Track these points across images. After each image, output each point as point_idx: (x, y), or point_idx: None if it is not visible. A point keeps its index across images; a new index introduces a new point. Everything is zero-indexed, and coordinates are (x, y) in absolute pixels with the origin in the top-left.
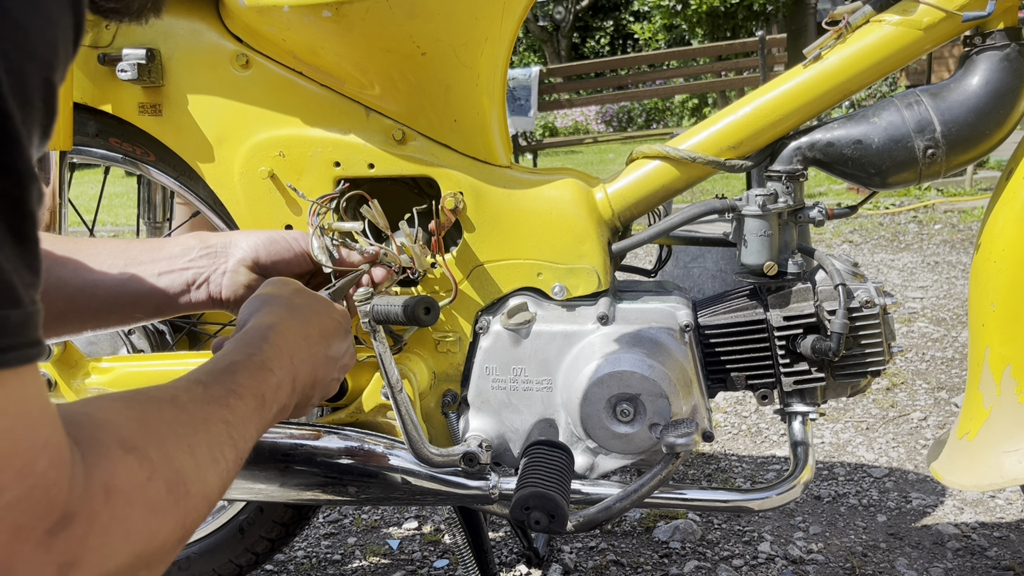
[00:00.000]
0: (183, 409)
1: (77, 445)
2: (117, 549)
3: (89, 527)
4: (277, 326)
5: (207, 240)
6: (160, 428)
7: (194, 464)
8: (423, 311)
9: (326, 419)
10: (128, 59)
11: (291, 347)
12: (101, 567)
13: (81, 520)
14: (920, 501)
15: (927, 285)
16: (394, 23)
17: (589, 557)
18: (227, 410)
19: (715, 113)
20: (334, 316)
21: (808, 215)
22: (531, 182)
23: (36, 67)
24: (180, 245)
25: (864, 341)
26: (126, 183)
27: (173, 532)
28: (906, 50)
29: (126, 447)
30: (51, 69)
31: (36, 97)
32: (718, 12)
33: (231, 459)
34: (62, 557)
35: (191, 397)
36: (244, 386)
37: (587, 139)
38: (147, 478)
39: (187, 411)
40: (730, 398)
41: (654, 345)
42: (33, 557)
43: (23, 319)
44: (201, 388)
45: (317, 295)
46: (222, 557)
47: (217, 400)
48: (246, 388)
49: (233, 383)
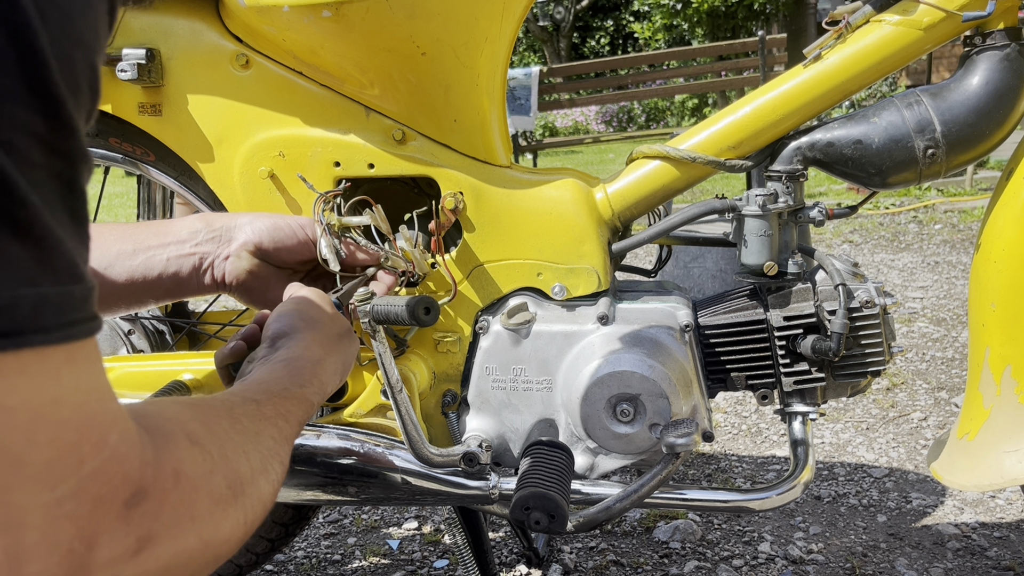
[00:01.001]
0: (238, 420)
1: (145, 430)
2: (186, 531)
3: (161, 505)
4: (324, 363)
5: (213, 223)
6: (218, 431)
7: (249, 469)
8: (423, 311)
9: (326, 419)
10: (128, 59)
11: (323, 381)
12: (174, 545)
13: (154, 497)
14: (920, 501)
15: (927, 285)
16: (394, 23)
17: (589, 557)
18: (276, 430)
19: (715, 113)
20: (352, 337)
21: (808, 215)
22: (531, 182)
23: (82, 53)
24: (187, 228)
25: (864, 341)
26: (126, 183)
27: (235, 528)
28: (906, 50)
29: (192, 439)
30: (94, 53)
31: (83, 81)
32: (718, 12)
33: (278, 474)
34: (139, 530)
35: (245, 412)
36: (292, 413)
37: (587, 139)
38: (210, 471)
39: (242, 423)
40: (730, 398)
41: (654, 345)
42: (114, 528)
43: (86, 294)
44: (255, 406)
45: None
46: None
47: (269, 419)
48: (293, 416)
49: (284, 408)
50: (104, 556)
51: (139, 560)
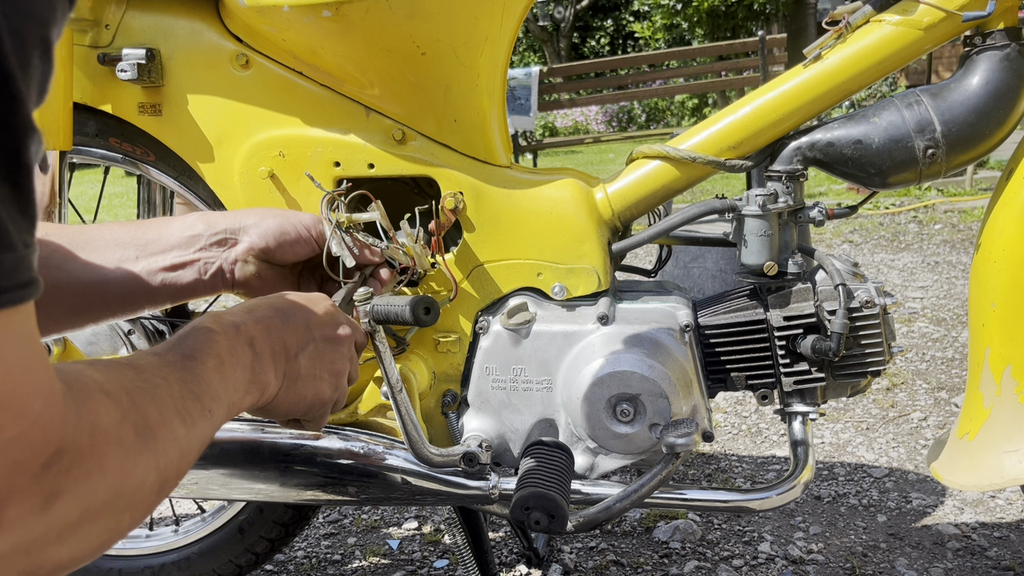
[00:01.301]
0: (141, 370)
1: (68, 388)
2: (95, 483)
3: (73, 461)
4: (224, 310)
5: (215, 224)
6: (124, 382)
7: (158, 413)
8: (423, 311)
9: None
10: (128, 59)
11: (235, 316)
12: (82, 499)
13: (69, 454)
14: (920, 501)
15: (927, 285)
16: (394, 23)
17: (589, 557)
18: (184, 371)
19: (715, 113)
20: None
21: (808, 215)
22: (531, 182)
23: (34, 25)
24: (188, 231)
25: (864, 341)
26: (126, 183)
27: (147, 474)
28: (906, 50)
29: (104, 391)
30: (48, 27)
31: (35, 55)
32: (718, 12)
33: (197, 413)
34: (49, 488)
35: (147, 363)
36: (195, 349)
37: (587, 139)
38: (120, 419)
39: (145, 372)
40: (730, 398)
41: (654, 345)
42: (26, 488)
43: (16, 262)
44: (155, 357)
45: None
46: (222, 557)
47: (172, 364)
48: (197, 351)
49: (183, 348)
50: (11, 515)
51: (48, 516)
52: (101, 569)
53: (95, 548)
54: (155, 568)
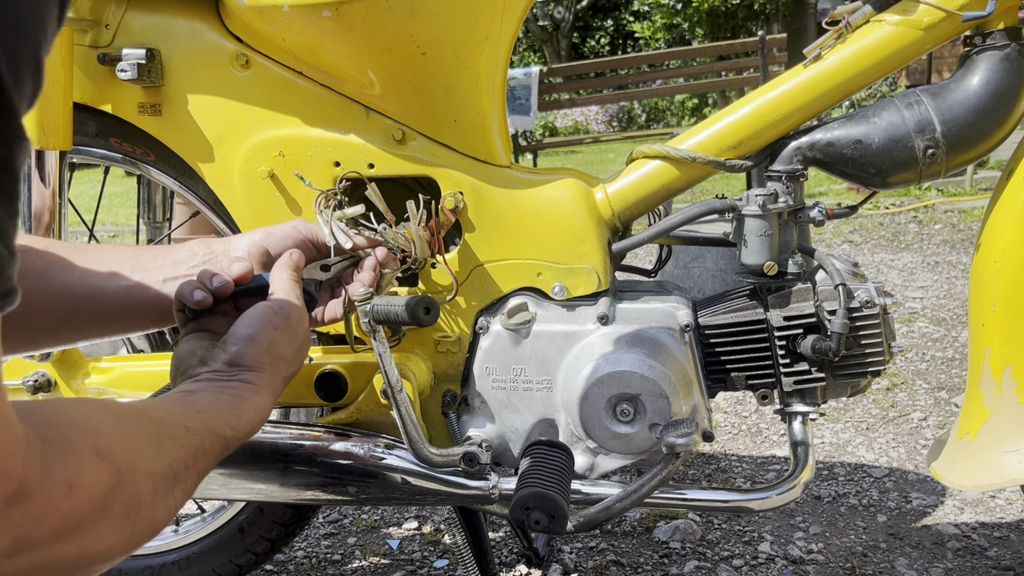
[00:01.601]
0: (160, 442)
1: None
2: (68, 541)
3: (46, 512)
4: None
5: (211, 245)
6: (136, 447)
7: (151, 493)
8: (423, 311)
9: (326, 419)
10: (128, 59)
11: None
12: (53, 551)
13: (39, 502)
14: (920, 501)
15: (927, 285)
16: (394, 23)
17: (589, 557)
18: (193, 461)
19: (715, 113)
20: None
21: (808, 215)
22: (531, 182)
23: (25, 44)
24: (185, 251)
25: (864, 341)
26: (126, 183)
27: (117, 544)
28: (906, 50)
29: (100, 454)
30: (38, 46)
31: (26, 73)
32: (718, 12)
33: (178, 502)
34: (19, 531)
35: (172, 435)
36: (214, 450)
37: (587, 139)
38: (110, 487)
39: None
40: (730, 398)
41: (654, 345)
42: None
43: None
44: (184, 432)
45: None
46: (222, 557)
47: (191, 449)
48: (212, 453)
49: (209, 443)
50: None
51: (15, 560)
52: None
53: None
54: (155, 568)
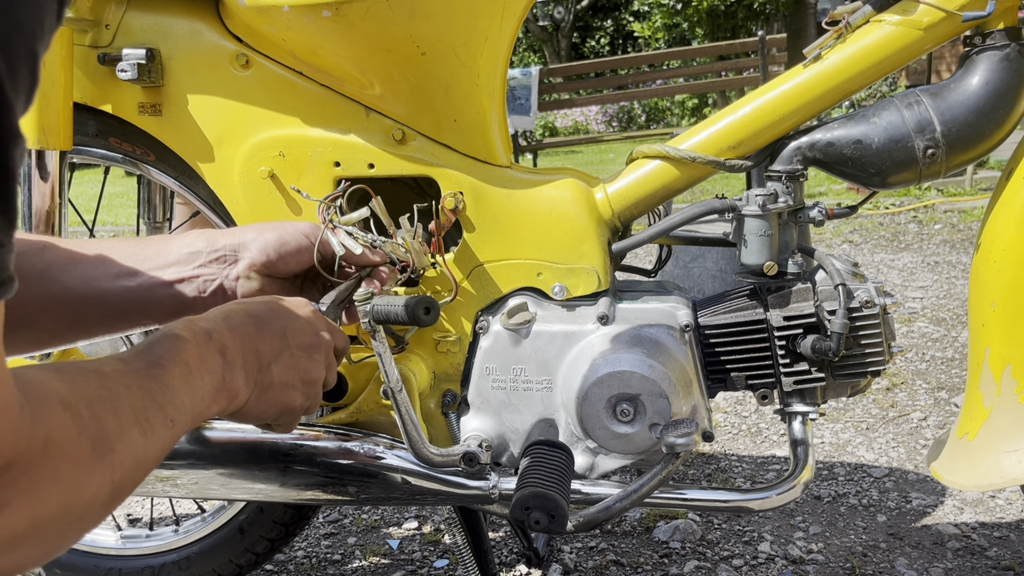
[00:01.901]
0: (106, 377)
1: (26, 399)
2: (46, 496)
3: (22, 472)
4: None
5: (215, 242)
6: (87, 392)
7: (117, 425)
8: (423, 311)
9: (326, 419)
10: (128, 59)
11: (208, 322)
12: (30, 511)
13: (19, 466)
14: (920, 501)
15: (927, 285)
16: (394, 23)
17: (589, 557)
18: (149, 379)
19: (715, 113)
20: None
21: (808, 215)
22: (531, 182)
23: (21, 38)
24: (188, 248)
25: (864, 341)
26: (126, 183)
27: (101, 487)
28: (906, 50)
29: (64, 404)
30: (35, 40)
31: (22, 66)
32: (718, 11)
33: (159, 423)
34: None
35: (112, 369)
36: (163, 357)
37: (587, 139)
38: (76, 434)
39: (109, 379)
40: (730, 398)
41: (654, 345)
42: None
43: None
44: (121, 363)
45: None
46: (222, 557)
47: (137, 371)
48: (165, 359)
49: (151, 355)
50: None
51: None
52: (100, 569)
53: (39, 557)
54: (155, 568)
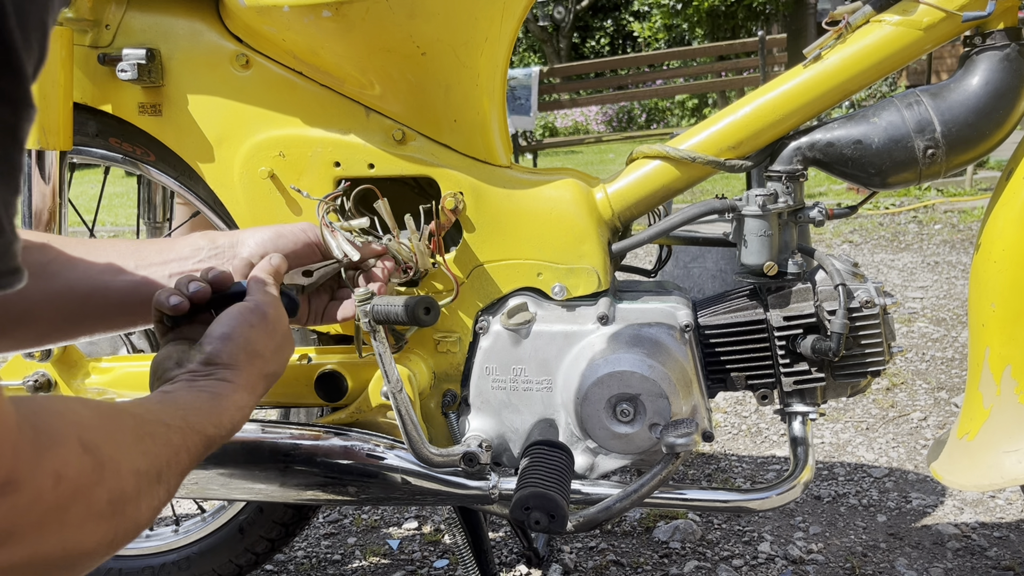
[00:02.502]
0: (142, 440)
1: (32, 428)
2: (52, 536)
3: (33, 503)
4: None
5: (216, 240)
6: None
7: (136, 490)
8: (423, 311)
9: (326, 419)
10: (128, 59)
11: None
12: (35, 547)
13: (26, 493)
14: (920, 501)
15: (927, 285)
16: (394, 23)
17: (589, 557)
18: (175, 458)
19: (715, 113)
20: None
21: (808, 215)
22: (531, 182)
23: (35, 7)
24: (190, 245)
25: (864, 341)
26: (126, 183)
27: (101, 543)
28: (906, 50)
29: (86, 446)
30: (46, 10)
31: (34, 36)
32: (718, 12)
33: (161, 502)
34: (4, 522)
35: (153, 432)
36: (195, 448)
37: (587, 139)
38: (96, 482)
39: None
40: (730, 398)
41: (654, 345)
42: None
43: (4, 247)
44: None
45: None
46: (222, 557)
47: (172, 447)
48: (195, 451)
49: (191, 441)
50: None
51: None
52: (100, 569)
53: None
54: (155, 568)
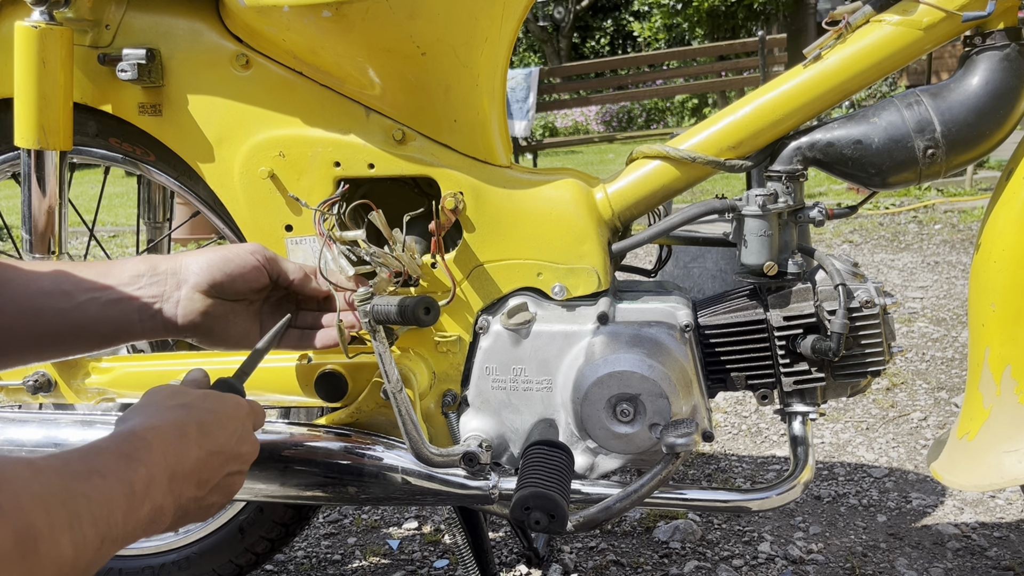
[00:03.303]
0: (40, 472)
1: None
2: None
3: None
4: (146, 424)
5: (157, 266)
6: (15, 483)
7: (48, 524)
8: (423, 311)
9: (326, 419)
10: (128, 59)
11: (163, 443)
12: None
13: None
14: (920, 501)
15: (927, 285)
16: (394, 23)
17: (589, 557)
18: (88, 486)
19: (715, 113)
20: (215, 408)
21: (808, 215)
22: (531, 182)
23: None
24: (128, 271)
25: (864, 341)
26: (126, 183)
27: None
28: (906, 50)
29: None
30: None
31: None
32: (718, 12)
33: (91, 536)
34: None
35: (49, 466)
36: (109, 468)
37: (587, 139)
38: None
39: (44, 475)
40: (730, 398)
41: (654, 345)
42: None
43: None
44: (61, 462)
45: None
46: (222, 557)
47: (78, 476)
48: (111, 471)
49: (97, 463)
50: None
51: None
52: (100, 569)
53: None
54: (155, 568)
